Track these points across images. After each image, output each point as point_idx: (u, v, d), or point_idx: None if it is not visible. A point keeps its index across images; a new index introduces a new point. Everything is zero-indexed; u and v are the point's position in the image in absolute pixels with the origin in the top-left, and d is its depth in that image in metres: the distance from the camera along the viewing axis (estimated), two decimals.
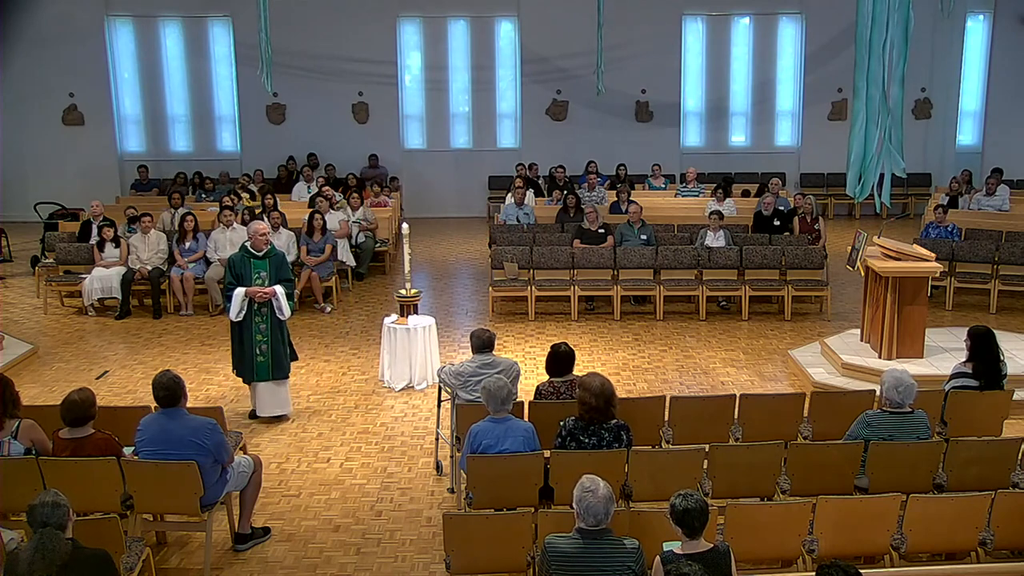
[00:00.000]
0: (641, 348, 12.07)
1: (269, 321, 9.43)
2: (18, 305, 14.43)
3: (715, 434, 7.62)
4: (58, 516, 5.06)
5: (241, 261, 9.43)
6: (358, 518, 7.64)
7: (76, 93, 21.22)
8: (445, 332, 12.36)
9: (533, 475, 6.67)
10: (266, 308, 9.41)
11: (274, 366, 9.50)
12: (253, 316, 9.37)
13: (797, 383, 10.64)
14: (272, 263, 9.51)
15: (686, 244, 14.09)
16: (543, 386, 7.74)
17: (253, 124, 21.72)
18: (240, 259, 9.45)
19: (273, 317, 9.45)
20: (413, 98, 22.11)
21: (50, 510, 5.06)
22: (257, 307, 9.37)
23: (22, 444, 6.71)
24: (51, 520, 5.04)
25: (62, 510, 5.09)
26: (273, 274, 9.47)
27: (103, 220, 14.43)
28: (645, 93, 21.75)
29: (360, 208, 16.09)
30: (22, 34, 20.52)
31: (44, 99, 20.97)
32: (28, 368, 11.35)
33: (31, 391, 10.28)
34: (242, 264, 9.42)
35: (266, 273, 9.43)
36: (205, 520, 6.78)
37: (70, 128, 21.37)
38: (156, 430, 6.76)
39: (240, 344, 9.44)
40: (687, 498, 5.12)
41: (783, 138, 22.40)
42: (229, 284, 9.35)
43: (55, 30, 20.56)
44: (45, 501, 5.09)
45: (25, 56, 20.62)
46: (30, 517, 5.10)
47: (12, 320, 13.50)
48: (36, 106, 20.90)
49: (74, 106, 21.34)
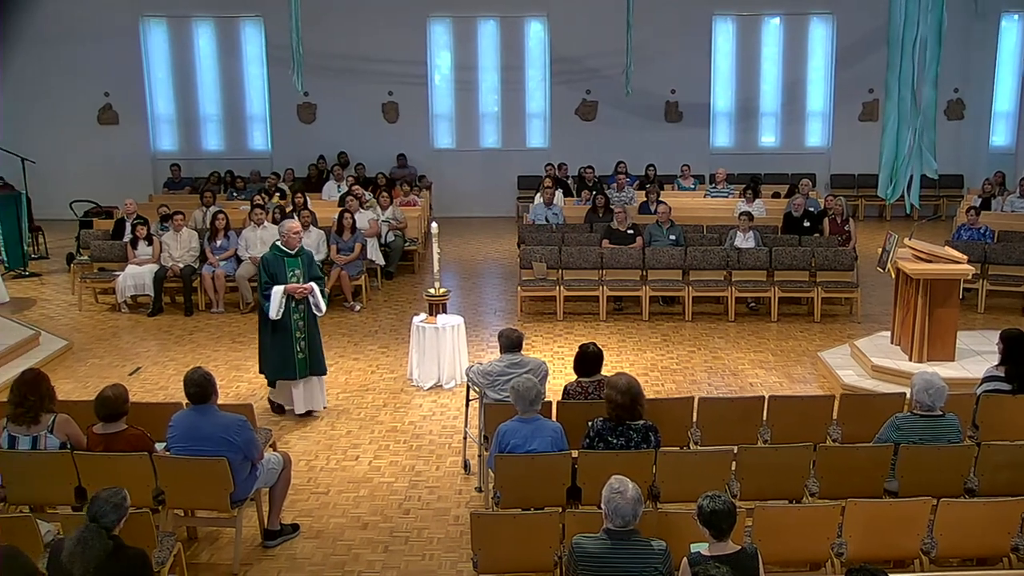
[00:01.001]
0: (669, 349, 12.03)
1: (307, 318, 9.50)
2: (54, 302, 14.59)
3: (743, 435, 7.58)
4: (111, 519, 5.15)
5: (275, 260, 9.46)
6: (386, 516, 7.66)
7: (111, 93, 21.44)
8: (473, 331, 12.37)
9: (561, 475, 6.66)
10: (303, 305, 9.47)
11: (313, 362, 9.59)
12: (291, 314, 9.41)
13: (826, 385, 10.56)
14: (304, 260, 9.57)
15: (715, 245, 14.03)
16: (571, 386, 7.73)
17: (284, 123, 21.84)
18: (273, 258, 9.48)
19: (310, 314, 9.52)
20: (442, 98, 22.14)
21: (108, 509, 5.15)
22: (295, 304, 9.42)
23: (57, 438, 6.79)
24: (102, 518, 5.12)
25: (119, 513, 5.19)
26: (306, 271, 9.54)
27: (136, 218, 14.56)
28: (674, 93, 21.68)
29: (389, 207, 16.14)
30: (58, 35, 20.72)
31: (80, 99, 21.20)
32: (63, 364, 11.47)
33: (66, 386, 10.39)
34: (276, 263, 9.45)
35: (300, 271, 9.49)
36: (235, 516, 6.83)
37: (105, 127, 21.59)
38: (187, 426, 6.81)
39: (275, 343, 9.45)
40: (715, 499, 5.10)
41: (813, 139, 22.24)
42: (265, 284, 9.36)
43: (91, 31, 20.75)
44: (109, 500, 5.18)
45: (61, 57, 20.83)
46: (90, 504, 5.21)
47: (48, 316, 13.66)
48: (72, 106, 21.13)
49: (109, 105, 21.56)
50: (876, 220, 20.99)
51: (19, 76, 20.96)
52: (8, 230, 15.80)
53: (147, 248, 14.01)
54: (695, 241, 14.24)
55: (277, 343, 9.45)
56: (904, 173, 9.48)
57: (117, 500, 5.19)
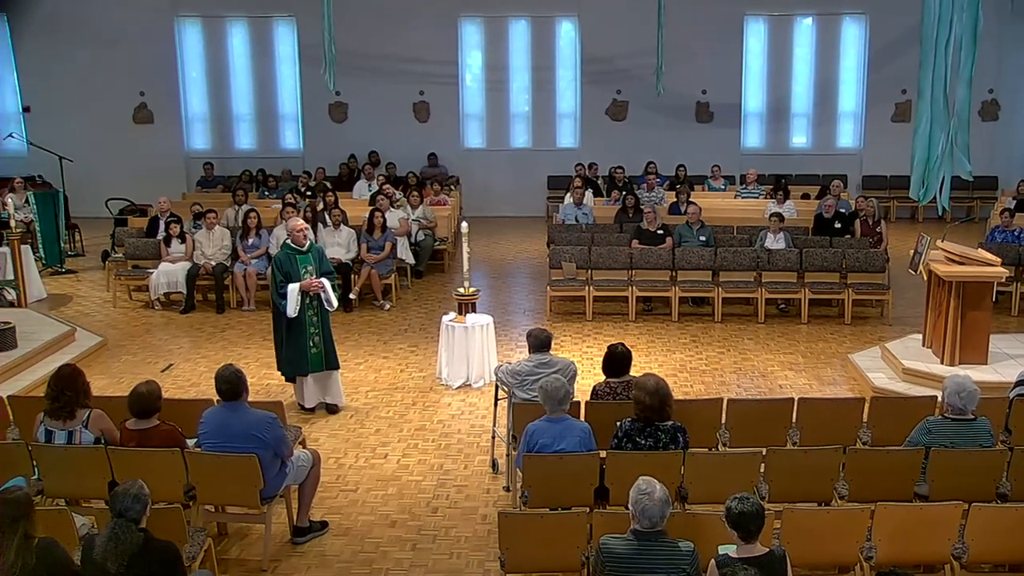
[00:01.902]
0: (699, 350, 11.98)
1: (320, 313, 9.61)
2: (89, 298, 14.75)
3: (772, 437, 7.54)
4: (135, 511, 5.18)
5: (287, 259, 9.55)
6: (414, 514, 7.68)
7: (146, 92, 21.64)
8: (503, 331, 12.38)
9: (589, 475, 6.65)
10: (316, 301, 9.58)
11: (327, 356, 9.68)
12: (305, 310, 9.51)
13: (856, 388, 10.47)
14: (315, 256, 9.69)
15: (745, 246, 13.96)
16: (600, 386, 7.71)
17: (316, 122, 21.95)
18: (286, 257, 9.57)
19: (323, 309, 9.62)
20: (473, 97, 22.17)
21: (131, 502, 5.17)
22: (308, 300, 9.52)
23: (92, 433, 6.86)
24: (128, 512, 5.16)
25: (141, 504, 5.21)
26: (318, 266, 9.64)
27: (170, 216, 14.70)
28: (705, 94, 21.58)
29: (420, 206, 16.18)
30: (96, 36, 20.92)
31: (116, 98, 21.41)
32: (97, 360, 11.60)
33: (100, 382, 10.48)
34: (288, 261, 9.54)
35: (312, 266, 9.60)
36: (265, 512, 6.86)
37: (140, 126, 21.80)
38: (218, 423, 6.86)
39: (290, 339, 9.55)
40: (743, 501, 5.07)
41: (845, 140, 22.06)
42: (280, 283, 9.44)
43: (127, 31, 20.96)
44: (129, 492, 5.20)
45: (99, 57, 21.04)
46: (112, 502, 5.23)
47: (83, 313, 13.81)
48: (109, 105, 21.33)
49: (144, 104, 21.76)
50: (908, 222, 20.80)
51: (58, 76, 21.19)
52: (46, 227, 16.05)
53: (180, 246, 14.13)
54: (725, 242, 14.17)
55: (292, 340, 9.56)
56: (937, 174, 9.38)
57: (136, 491, 5.22)
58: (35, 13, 21.15)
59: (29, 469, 6.88)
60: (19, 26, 21.41)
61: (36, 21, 21.21)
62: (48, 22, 21.13)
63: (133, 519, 5.16)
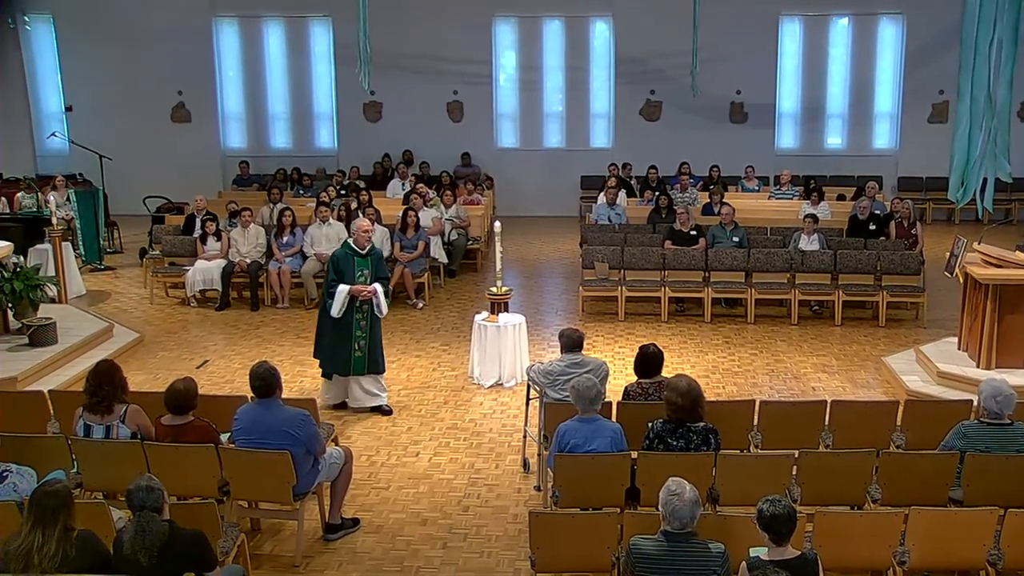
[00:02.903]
0: (731, 351, 11.92)
1: (369, 318, 9.57)
2: (127, 295, 14.91)
3: (805, 440, 7.48)
4: (153, 499, 5.22)
5: (344, 258, 9.52)
6: (445, 513, 7.69)
7: (184, 91, 21.85)
8: (535, 330, 12.36)
9: (620, 476, 6.64)
10: (367, 306, 9.54)
11: (370, 361, 9.63)
12: (354, 314, 9.48)
13: (890, 391, 10.37)
14: (372, 261, 9.63)
15: (779, 247, 13.87)
16: (631, 387, 7.70)
17: (350, 121, 22.05)
18: (344, 256, 9.54)
19: (372, 314, 9.58)
20: (507, 97, 22.18)
21: (145, 494, 5.22)
22: (358, 304, 9.50)
23: (129, 428, 6.93)
24: (147, 503, 5.21)
25: (156, 494, 5.24)
26: (373, 272, 9.59)
27: (206, 214, 14.82)
28: (740, 94, 21.46)
29: (453, 206, 16.21)
30: (136, 36, 21.12)
31: (154, 98, 21.60)
32: (135, 355, 11.72)
33: (137, 378, 10.59)
34: (345, 261, 9.50)
35: (368, 271, 9.55)
36: (297, 509, 6.90)
37: (178, 125, 22.01)
38: (251, 419, 6.90)
39: (335, 339, 9.54)
40: (775, 503, 5.03)
41: (881, 141, 21.86)
42: (332, 281, 9.42)
43: (166, 31, 21.15)
44: (140, 485, 5.26)
45: (139, 57, 21.23)
46: (129, 501, 5.29)
47: (121, 309, 13.96)
48: (147, 104, 21.54)
49: (182, 104, 21.97)
50: (944, 224, 20.55)
51: (99, 76, 21.43)
52: (86, 225, 16.24)
53: (216, 243, 14.25)
54: (759, 243, 14.08)
55: (336, 339, 9.53)
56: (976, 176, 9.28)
57: (147, 482, 5.27)
58: (78, 14, 21.41)
59: (68, 462, 6.97)
60: (63, 27, 21.71)
61: (79, 22, 21.47)
62: (91, 23, 21.37)
63: (154, 508, 5.21)
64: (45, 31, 21.91)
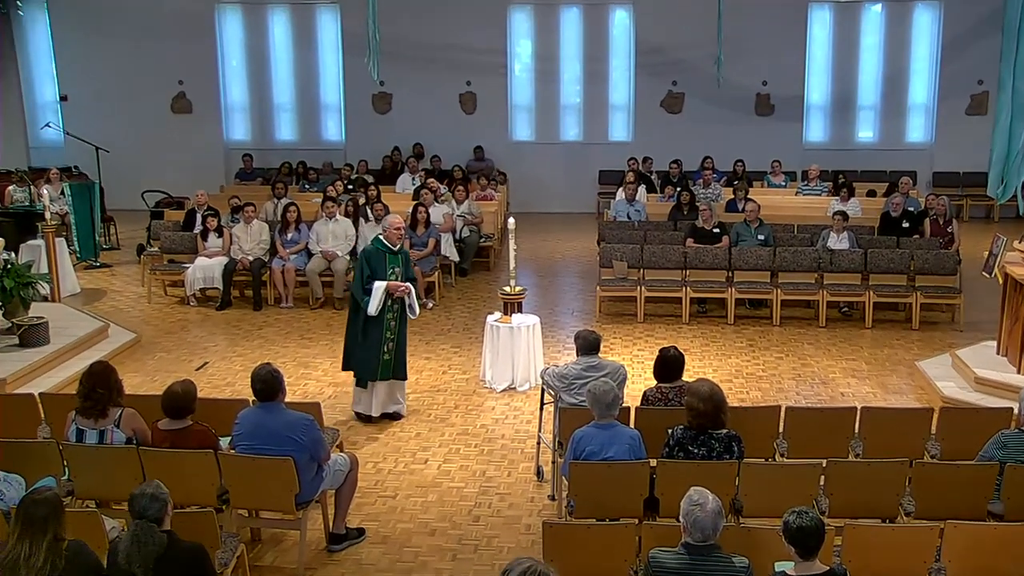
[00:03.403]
0: (756, 354, 11.87)
1: (399, 319, 9.55)
2: (123, 293, 14.96)
3: (833, 448, 7.44)
4: (155, 509, 5.20)
5: (376, 255, 9.46)
6: (455, 522, 7.68)
7: (185, 81, 21.93)
8: (550, 332, 12.35)
9: (638, 485, 6.61)
10: (398, 305, 9.50)
11: (396, 365, 9.60)
12: (385, 312, 9.43)
13: (924, 397, 10.32)
14: (403, 259, 9.62)
15: (806, 245, 13.81)
16: (651, 392, 7.68)
17: (358, 113, 22.09)
18: (375, 252, 9.48)
19: (403, 315, 9.56)
20: (522, 88, 22.17)
21: (148, 502, 5.20)
22: (390, 304, 9.45)
23: (124, 433, 6.91)
24: (148, 512, 5.19)
25: (160, 503, 5.23)
26: (404, 270, 9.58)
27: (207, 209, 14.84)
28: (766, 85, 21.40)
29: (465, 201, 16.21)
30: (135, 23, 21.22)
31: (154, 88, 21.70)
32: (131, 357, 11.74)
33: (133, 380, 10.61)
34: (377, 258, 9.44)
35: (399, 269, 9.53)
36: (300, 518, 6.89)
37: (178, 116, 22.10)
38: (253, 424, 6.89)
39: (365, 341, 9.46)
40: (802, 515, 4.99)
41: (915, 134, 21.75)
42: (368, 278, 9.33)
43: (166, 19, 21.25)
44: (145, 492, 5.24)
45: (138, 46, 21.32)
46: (130, 506, 5.27)
47: (117, 308, 14.00)
48: (146, 95, 21.62)
49: (183, 94, 22.05)
50: (982, 221, 20.45)
51: (96, 64, 21.53)
52: (81, 220, 16.19)
53: (217, 240, 14.27)
54: (785, 241, 14.04)
55: (367, 341, 9.46)
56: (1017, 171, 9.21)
57: (152, 490, 5.25)
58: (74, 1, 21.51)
59: (59, 469, 6.97)
60: (58, 13, 21.82)
61: (75, 8, 21.59)
62: (87, 8, 21.48)
63: (155, 519, 5.19)
64: (39, 17, 22.04)
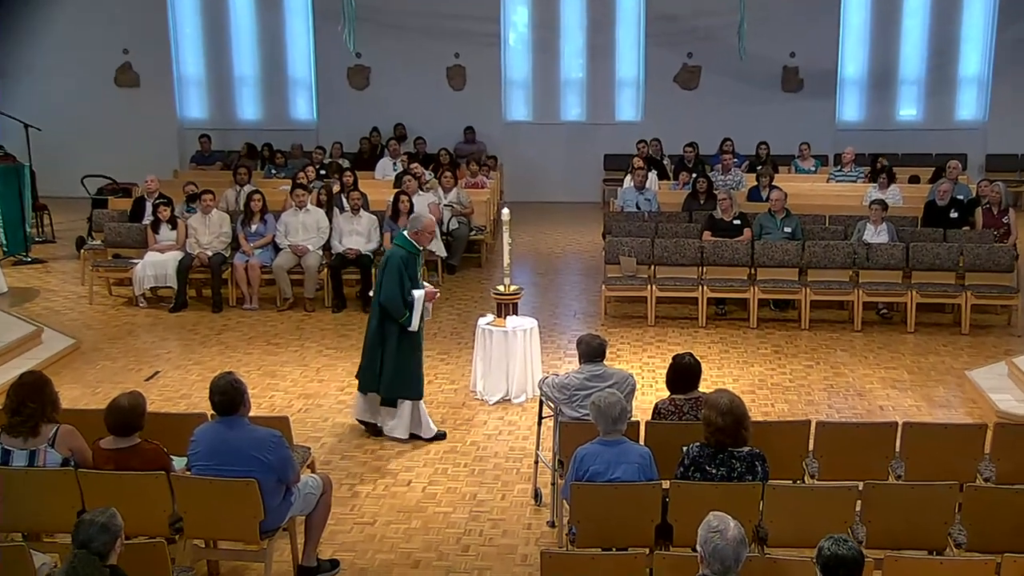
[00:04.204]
0: (782, 362, 11.91)
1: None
2: (60, 293, 14.93)
3: (871, 469, 7.45)
4: (102, 542, 5.15)
5: (409, 259, 9.46)
6: (441, 553, 7.67)
7: (131, 50, 21.87)
8: (549, 337, 12.37)
9: (649, 509, 6.61)
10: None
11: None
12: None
13: (976, 412, 10.34)
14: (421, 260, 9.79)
15: (839, 239, 13.85)
16: (663, 404, 7.69)
17: (332, 89, 22.10)
18: (408, 257, 9.46)
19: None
20: (518, 62, 22.20)
21: (96, 532, 5.14)
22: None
23: (59, 453, 6.86)
24: (93, 544, 5.13)
25: (109, 536, 5.17)
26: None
27: (159, 197, 14.79)
28: (794, 57, 21.44)
29: (453, 189, 16.21)
30: None
31: (95, 57, 21.66)
32: (69, 366, 11.72)
33: (72, 392, 10.59)
34: (411, 263, 9.47)
35: (424, 270, 9.64)
36: (265, 548, 6.87)
37: (124, 90, 22.07)
38: (212, 441, 6.85)
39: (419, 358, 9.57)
40: (840, 543, 4.97)
41: (965, 111, 21.81)
42: (409, 288, 9.33)
43: None
44: (96, 520, 5.18)
45: (75, 8, 21.29)
46: (75, 532, 5.21)
47: (52, 310, 13.98)
48: (86, 65, 21.58)
49: (128, 65, 22.03)
50: None
51: (24, 30, 21.44)
52: (8, 209, 15.93)
53: (170, 232, 14.25)
54: (815, 234, 14.07)
55: (420, 357, 9.58)
56: None
57: (104, 519, 5.20)
58: None
59: None
60: None
61: None
62: None
63: (98, 552, 5.13)
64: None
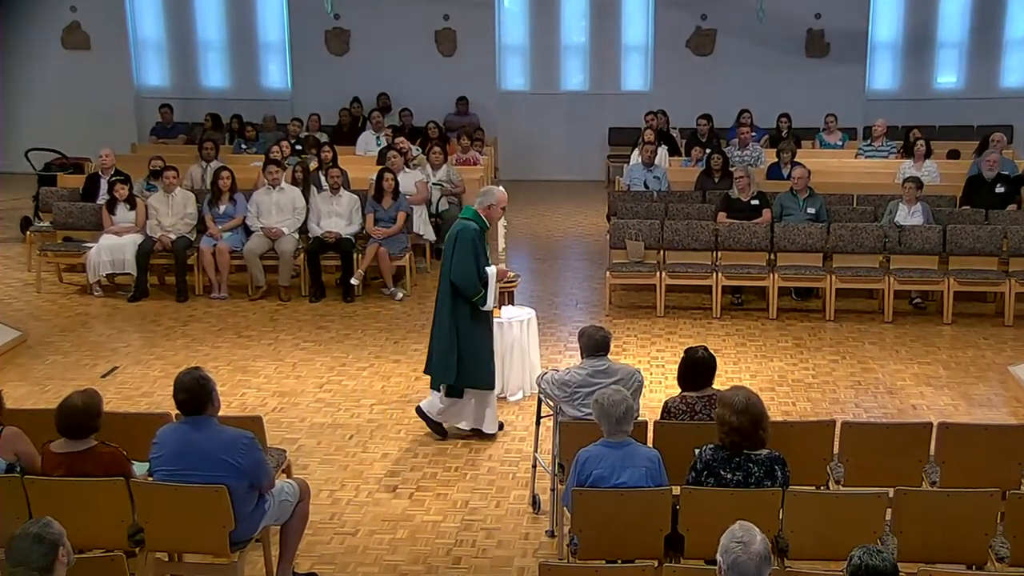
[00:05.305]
0: (804, 357, 11.94)
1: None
2: (3, 280, 14.94)
3: (903, 474, 7.48)
4: (40, 555, 4.98)
5: (480, 236, 9.55)
6: (430, 565, 7.69)
7: (79, 8, 21.79)
8: (548, 329, 12.41)
9: (658, 518, 6.63)
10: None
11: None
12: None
13: (1021, 411, 10.38)
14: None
15: (869, 221, 13.89)
16: (673, 402, 7.70)
17: (308, 55, 22.08)
18: (479, 233, 9.54)
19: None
20: (514, 25, 22.20)
21: (30, 546, 4.97)
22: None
23: (4, 459, 6.84)
24: (30, 559, 4.96)
25: (46, 547, 5.00)
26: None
27: (115, 174, 14.80)
28: (820, 18, 21.45)
29: (443, 167, 16.18)
30: None
31: (39, 16, 21.56)
32: (14, 361, 11.71)
33: (17, 390, 10.57)
34: (482, 240, 9.56)
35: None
36: (235, 562, 6.87)
37: (72, 53, 22.00)
38: (177, 443, 6.84)
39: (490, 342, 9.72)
40: (873, 554, 4.96)
41: (1013, 77, 21.82)
42: (483, 268, 9.44)
43: None
44: (28, 532, 5.02)
45: None
46: (7, 552, 5.06)
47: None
48: (29, 24, 21.48)
49: (77, 24, 21.93)
50: None
51: None
52: None
53: (128, 213, 14.23)
54: (842, 216, 14.10)
55: (492, 342, 9.75)
56: None
57: (38, 530, 5.04)
58: None
59: None
60: None
61: None
62: None
63: (38, 567, 4.96)
64: None
